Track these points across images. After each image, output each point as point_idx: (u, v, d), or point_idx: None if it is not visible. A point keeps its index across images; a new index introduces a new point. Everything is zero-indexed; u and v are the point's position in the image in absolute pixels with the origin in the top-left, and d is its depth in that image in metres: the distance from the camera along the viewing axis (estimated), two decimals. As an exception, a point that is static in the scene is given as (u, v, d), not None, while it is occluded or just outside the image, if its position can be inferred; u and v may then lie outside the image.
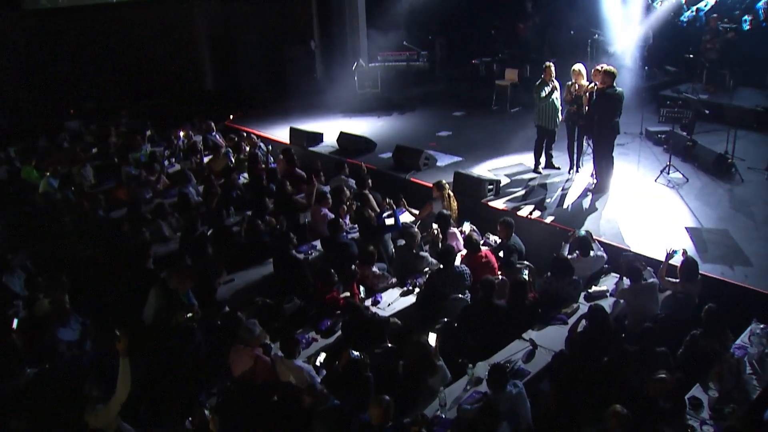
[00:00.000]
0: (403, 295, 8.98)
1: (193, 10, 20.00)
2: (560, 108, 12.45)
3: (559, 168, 13.00)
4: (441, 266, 8.84)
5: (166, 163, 13.96)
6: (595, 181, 12.12)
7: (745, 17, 17.05)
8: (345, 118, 17.57)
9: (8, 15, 19.43)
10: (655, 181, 12.29)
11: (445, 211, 10.28)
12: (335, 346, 7.84)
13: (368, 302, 8.73)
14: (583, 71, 12.08)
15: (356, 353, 6.90)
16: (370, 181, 11.67)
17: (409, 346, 7.10)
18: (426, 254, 9.47)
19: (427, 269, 9.40)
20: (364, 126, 16.82)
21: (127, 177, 13.10)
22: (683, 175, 12.36)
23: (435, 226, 9.87)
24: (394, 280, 9.18)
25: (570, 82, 12.18)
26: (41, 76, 19.75)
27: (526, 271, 8.82)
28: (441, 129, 16.23)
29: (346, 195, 11.28)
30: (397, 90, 19.04)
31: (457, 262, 9.29)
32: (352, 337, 7.70)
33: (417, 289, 9.01)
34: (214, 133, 15.63)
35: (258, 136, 15.48)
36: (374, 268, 9.05)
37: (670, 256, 8.79)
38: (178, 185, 12.61)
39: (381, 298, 8.86)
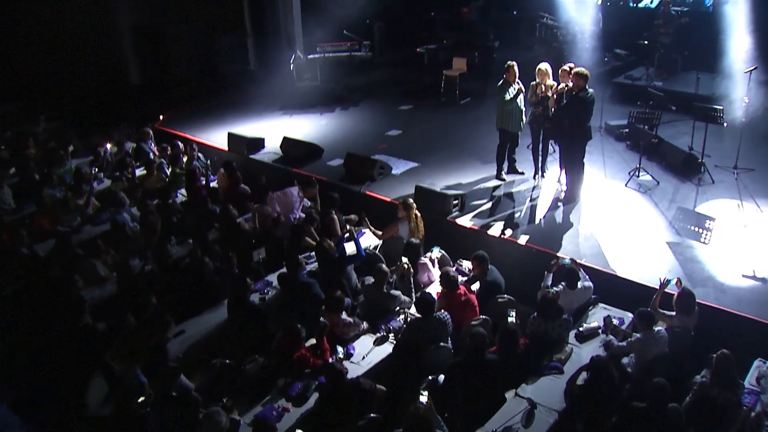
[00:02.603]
0: (377, 343, 8.06)
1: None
2: (524, 110, 11.60)
3: (523, 173, 12.23)
4: (419, 316, 7.94)
5: (95, 183, 12.57)
6: (564, 188, 11.40)
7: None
8: (285, 116, 16.38)
9: None
10: (626, 185, 11.64)
11: (414, 240, 9.37)
12: (312, 419, 6.89)
13: (340, 351, 7.78)
14: (549, 70, 11.27)
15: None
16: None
17: (409, 420, 6.14)
18: (397, 293, 8.55)
19: (399, 308, 8.50)
20: (306, 126, 15.68)
21: (51, 201, 11.68)
22: (653, 177, 11.78)
23: (404, 259, 8.94)
24: (365, 325, 8.24)
25: (534, 82, 11.36)
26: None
27: (513, 313, 7.99)
28: (389, 127, 15.24)
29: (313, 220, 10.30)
30: (338, 81, 17.88)
31: (430, 289, 8.69)
32: (331, 408, 6.76)
33: (391, 335, 8.10)
34: (150, 142, 14.22)
35: (193, 142, 14.08)
36: (343, 315, 8.07)
37: (663, 285, 8.18)
38: (110, 209, 11.29)
39: (353, 349, 7.92)
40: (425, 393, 7.19)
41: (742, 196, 11.18)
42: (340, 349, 7.78)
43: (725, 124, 11.89)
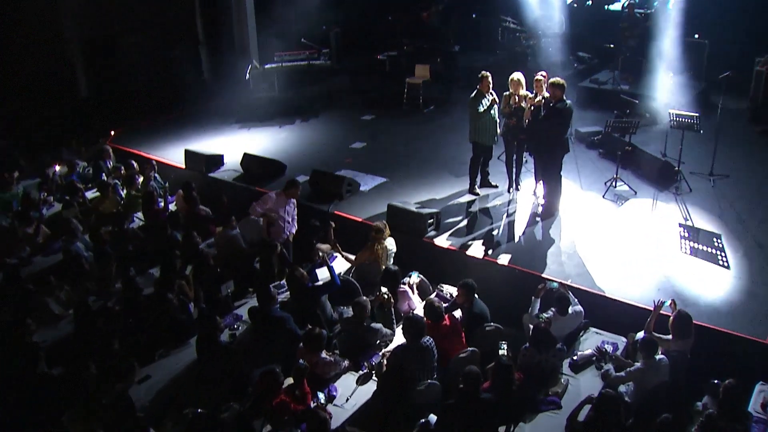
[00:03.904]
0: (361, 382, 7.50)
1: (59, 4, 17.33)
2: (498, 121, 11.16)
3: (496, 186, 11.79)
4: (404, 342, 7.43)
5: (44, 209, 11.77)
6: (541, 202, 11.00)
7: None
8: (243, 130, 15.67)
9: None
10: (603, 196, 11.29)
11: (392, 267, 8.84)
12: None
13: (321, 397, 7.21)
14: (522, 80, 10.85)
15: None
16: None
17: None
18: (378, 326, 8.02)
19: (380, 342, 7.99)
20: (265, 139, 15.02)
21: (-3, 230, 10.89)
22: (630, 187, 11.46)
23: (384, 289, 8.41)
24: (346, 363, 7.68)
25: (507, 92, 10.92)
26: None
27: (505, 345, 7.52)
28: (353, 139, 14.67)
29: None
30: (295, 91, 17.24)
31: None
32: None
33: (374, 372, 7.57)
34: (108, 161, 13.42)
35: (150, 161, 13.25)
36: (323, 354, 7.51)
37: (658, 307, 7.78)
38: (62, 238, 10.51)
39: (336, 391, 7.35)
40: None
41: (721, 205, 10.96)
42: (321, 395, 7.18)
43: (701, 131, 11.61)
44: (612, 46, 15.91)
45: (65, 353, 8.08)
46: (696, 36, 16.56)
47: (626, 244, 9.92)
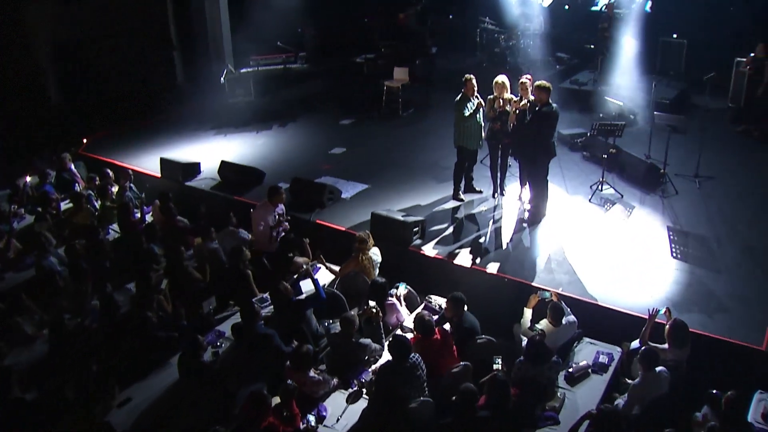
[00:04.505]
0: (351, 400, 7.23)
1: (28, 8, 16.82)
2: (482, 125, 10.95)
3: (481, 192, 11.58)
4: (391, 360, 7.18)
5: (15, 222, 11.36)
6: (527, 207, 10.81)
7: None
8: (220, 136, 15.33)
9: None
10: (590, 200, 11.13)
11: (379, 279, 8.59)
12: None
13: (311, 419, 6.94)
14: (507, 83, 10.64)
15: None
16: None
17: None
18: (367, 341, 7.74)
19: (369, 358, 7.73)
20: (242, 145, 14.69)
21: (-35, 246, 10.48)
22: (616, 190, 11.30)
23: (372, 303, 8.14)
24: (335, 381, 7.41)
25: (492, 96, 10.70)
26: None
27: (499, 360, 7.30)
28: (332, 144, 14.38)
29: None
30: (272, 95, 16.93)
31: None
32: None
33: (365, 389, 7.31)
34: (71, 167, 12.99)
35: (125, 170, 12.80)
36: (311, 372, 7.23)
37: (652, 316, 7.63)
38: (34, 252, 10.11)
39: (326, 411, 7.07)
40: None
41: (708, 207, 10.86)
42: (311, 417, 6.91)
43: (686, 133, 11.53)
44: (592, 46, 15.73)
45: (40, 376, 7.75)
46: (674, 36, 16.55)
47: (615, 249, 9.76)
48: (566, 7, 18.60)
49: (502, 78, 10.66)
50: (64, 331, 8.18)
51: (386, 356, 7.71)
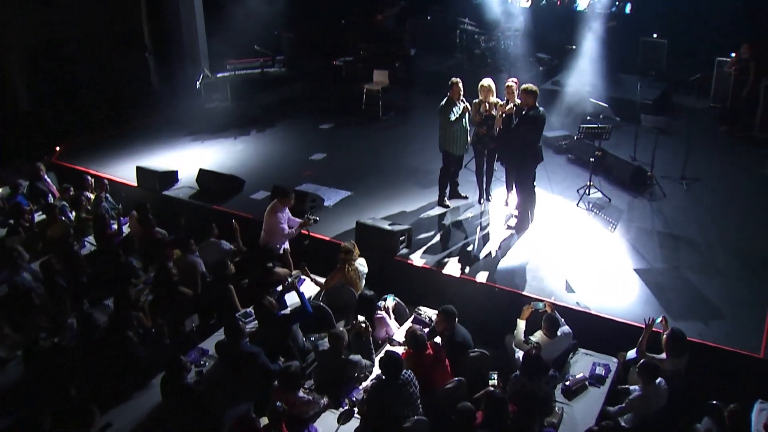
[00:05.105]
0: (342, 420, 6.97)
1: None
2: (468, 129, 10.72)
3: (466, 197, 11.36)
4: (382, 378, 6.92)
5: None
6: (514, 213, 10.61)
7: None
8: (197, 143, 14.94)
9: None
10: (577, 205, 10.96)
11: (368, 292, 8.33)
12: None
13: (301, 440, 6.69)
14: (493, 87, 10.41)
15: None
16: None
17: None
18: (357, 357, 7.47)
19: (359, 374, 7.47)
20: (220, 152, 14.32)
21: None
22: (604, 194, 11.14)
23: (361, 318, 7.86)
24: (324, 400, 7.14)
25: (477, 100, 10.47)
26: None
27: (495, 376, 7.08)
28: (312, 150, 14.05)
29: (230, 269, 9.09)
30: (249, 100, 16.59)
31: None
32: None
33: (356, 408, 7.05)
34: (44, 176, 12.57)
35: (102, 179, 12.38)
36: (300, 392, 6.95)
37: (649, 326, 7.46)
38: (6, 268, 9.70)
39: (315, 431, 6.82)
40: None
41: (697, 210, 10.74)
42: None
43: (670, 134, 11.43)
44: (574, 47, 15.58)
45: (15, 401, 7.36)
46: (654, 35, 16.50)
47: (606, 255, 9.60)
48: (543, 2, 18.46)
49: (488, 81, 10.43)
50: (39, 352, 7.81)
51: (376, 372, 7.47)
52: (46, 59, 17.04)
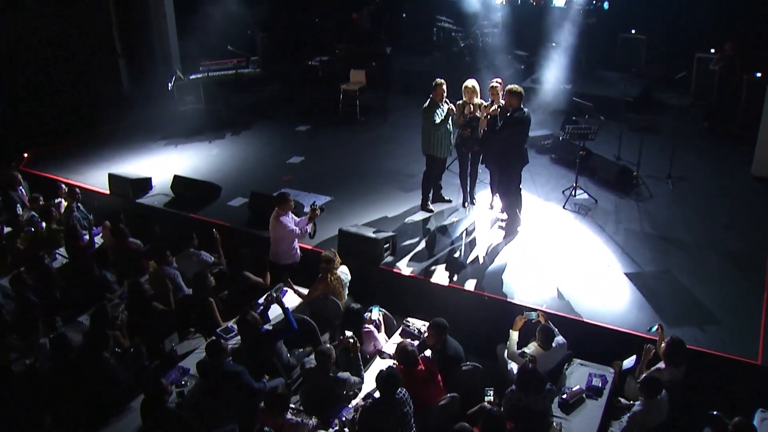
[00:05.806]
0: (332, 442, 6.70)
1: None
2: (452, 132, 10.46)
3: (450, 201, 11.09)
4: (375, 396, 6.65)
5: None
6: (501, 216, 10.38)
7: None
8: (170, 147, 14.50)
9: None
10: (564, 207, 10.75)
11: (354, 305, 8.03)
12: None
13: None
14: (477, 88, 10.16)
15: None
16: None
17: None
18: (346, 375, 7.18)
19: (348, 392, 7.18)
20: (195, 157, 13.90)
21: None
22: (590, 195, 10.95)
23: (348, 333, 7.56)
24: (313, 422, 6.83)
25: (461, 101, 10.21)
26: None
27: (491, 392, 6.83)
28: (290, 153, 13.68)
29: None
30: (223, 102, 16.15)
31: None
32: None
33: (346, 429, 6.76)
34: (20, 188, 12.12)
35: (73, 188, 11.84)
36: (288, 415, 6.65)
37: (648, 351, 7.26)
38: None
39: (305, 456, 6.52)
40: None
41: (684, 210, 10.59)
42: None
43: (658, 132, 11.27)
44: (554, 44, 15.37)
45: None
46: (632, 32, 16.37)
47: (595, 260, 9.42)
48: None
49: (471, 82, 10.17)
50: (10, 376, 7.42)
51: (366, 389, 7.19)
52: (11, 65, 16.50)
